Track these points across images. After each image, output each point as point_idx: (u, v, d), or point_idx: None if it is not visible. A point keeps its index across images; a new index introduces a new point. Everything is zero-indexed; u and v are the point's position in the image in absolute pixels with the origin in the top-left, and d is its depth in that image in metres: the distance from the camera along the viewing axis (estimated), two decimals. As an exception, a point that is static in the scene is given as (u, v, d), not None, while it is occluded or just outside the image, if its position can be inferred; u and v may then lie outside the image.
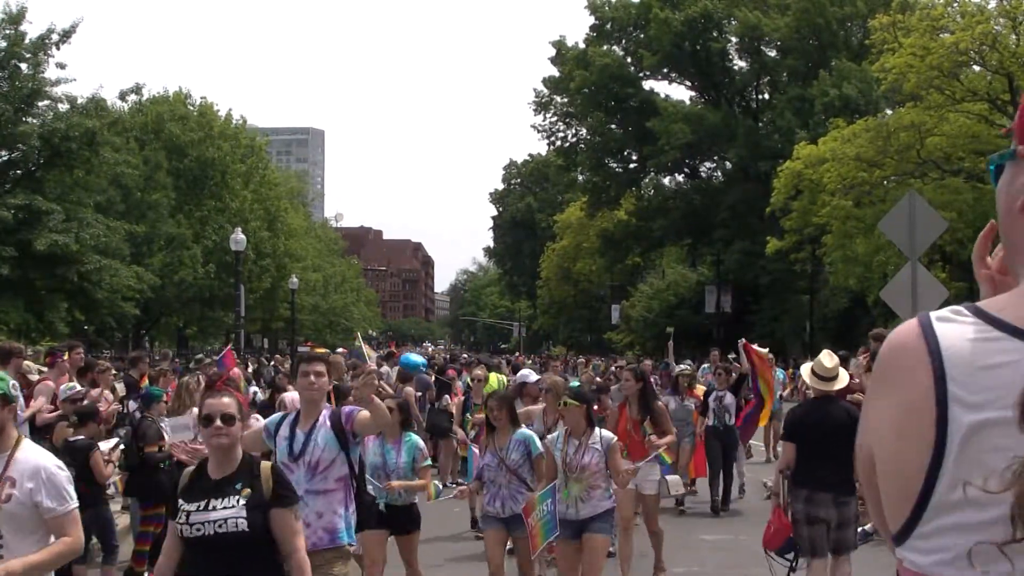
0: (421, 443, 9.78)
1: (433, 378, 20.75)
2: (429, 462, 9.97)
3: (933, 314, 1.55)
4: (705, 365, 22.07)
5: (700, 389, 16.99)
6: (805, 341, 52.77)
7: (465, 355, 40.15)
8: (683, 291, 68.74)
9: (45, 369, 13.17)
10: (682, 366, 19.14)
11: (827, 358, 9.77)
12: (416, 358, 21.04)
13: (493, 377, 17.57)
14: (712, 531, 14.32)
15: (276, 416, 7.54)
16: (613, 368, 25.00)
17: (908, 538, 1.55)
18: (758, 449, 21.27)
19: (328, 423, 6.96)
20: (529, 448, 9.30)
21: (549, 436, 9.54)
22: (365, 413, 6.95)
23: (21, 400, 10.54)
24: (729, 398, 15.80)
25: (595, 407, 10.13)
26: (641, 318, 70.06)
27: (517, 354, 68.04)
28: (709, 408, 15.75)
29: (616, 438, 9.23)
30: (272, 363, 37.62)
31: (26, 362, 12.57)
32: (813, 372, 9.68)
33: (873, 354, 12.02)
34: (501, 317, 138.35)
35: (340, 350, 34.16)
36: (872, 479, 1.61)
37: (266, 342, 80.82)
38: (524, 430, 9.56)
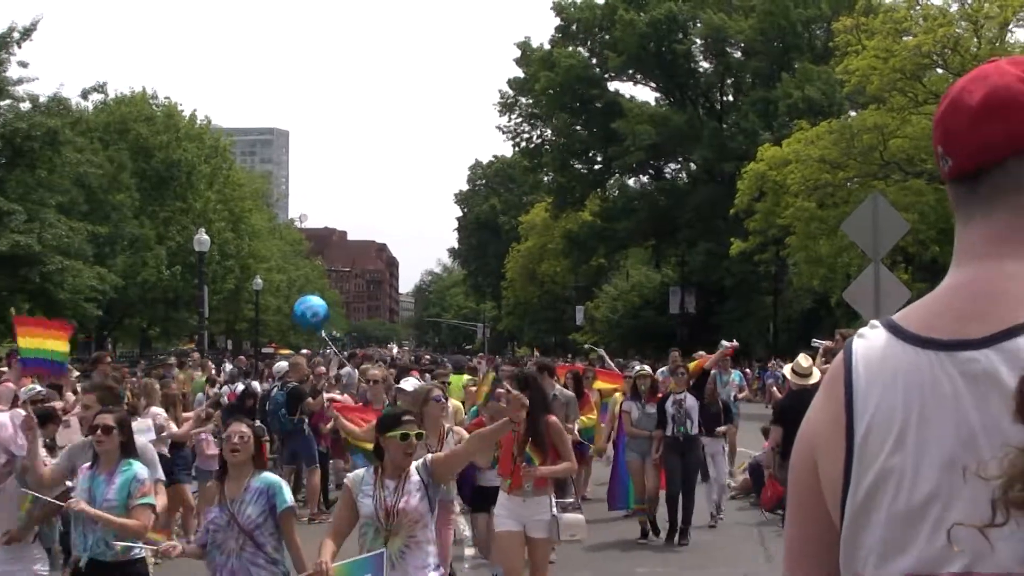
0: (143, 473, 6.84)
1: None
2: (150, 500, 6.83)
3: (858, 332, 1.66)
4: (663, 368, 18.63)
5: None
6: (769, 342, 53.05)
7: (427, 356, 39.72)
8: (647, 292, 68.89)
9: (5, 370, 13.03)
10: (639, 367, 16.43)
11: (803, 359, 12.30)
12: (314, 302, 19.05)
13: (458, 381, 16.29)
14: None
15: None
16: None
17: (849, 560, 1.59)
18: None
19: None
20: (273, 500, 6.40)
21: (352, 475, 6.59)
22: None
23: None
24: (691, 400, 13.21)
25: None
26: (606, 319, 70.20)
27: (480, 354, 67.73)
28: (667, 415, 13.17)
29: (434, 456, 6.53)
30: (234, 363, 37.38)
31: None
32: (793, 370, 12.10)
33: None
34: (466, 318, 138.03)
35: (304, 351, 34.02)
36: (804, 479, 1.67)
37: (230, 343, 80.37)
38: (269, 475, 6.68)
